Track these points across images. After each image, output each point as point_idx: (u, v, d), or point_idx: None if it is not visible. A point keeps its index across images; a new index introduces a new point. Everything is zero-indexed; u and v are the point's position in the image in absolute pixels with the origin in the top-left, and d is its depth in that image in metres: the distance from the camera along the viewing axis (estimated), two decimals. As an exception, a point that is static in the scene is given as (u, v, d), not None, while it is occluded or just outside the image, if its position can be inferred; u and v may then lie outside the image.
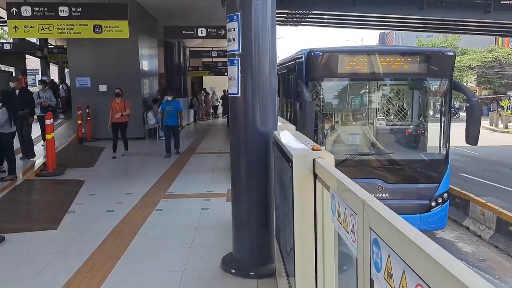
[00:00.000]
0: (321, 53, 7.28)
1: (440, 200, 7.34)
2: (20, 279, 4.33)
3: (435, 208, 7.27)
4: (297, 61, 8.15)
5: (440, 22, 24.53)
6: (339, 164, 6.63)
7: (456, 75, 39.01)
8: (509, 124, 30.24)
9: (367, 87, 7.71)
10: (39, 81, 13.64)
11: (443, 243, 8.12)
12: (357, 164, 7.40)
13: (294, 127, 5.55)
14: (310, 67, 7.36)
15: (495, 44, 44.56)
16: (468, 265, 5.85)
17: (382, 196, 7.15)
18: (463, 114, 38.30)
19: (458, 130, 8.98)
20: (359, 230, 1.71)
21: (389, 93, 7.89)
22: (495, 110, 35.99)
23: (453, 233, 8.94)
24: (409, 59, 7.48)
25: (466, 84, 42.88)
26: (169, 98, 11.48)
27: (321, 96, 7.49)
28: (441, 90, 7.51)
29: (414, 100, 7.98)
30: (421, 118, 7.98)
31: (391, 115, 7.96)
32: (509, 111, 34.80)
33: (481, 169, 15.53)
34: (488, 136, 21.58)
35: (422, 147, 7.91)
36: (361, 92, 7.83)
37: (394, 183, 7.27)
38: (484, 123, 33.24)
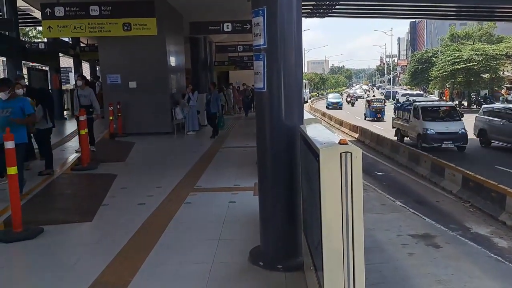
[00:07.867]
0: None
1: None
2: (58, 268, 4.52)
3: None
4: None
5: (474, 9, 23.66)
6: None
7: (491, 64, 37.59)
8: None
9: None
10: (78, 75, 12.31)
11: (478, 238, 7.94)
12: None
13: (321, 121, 5.50)
14: None
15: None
16: (504, 261, 5.71)
17: None
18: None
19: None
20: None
21: None
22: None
23: (489, 228, 8.70)
24: None
25: (503, 73, 41.16)
26: (2, 96, 6.54)
27: None
28: None
29: None
30: None
31: None
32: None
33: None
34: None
35: None
36: None
37: None
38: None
